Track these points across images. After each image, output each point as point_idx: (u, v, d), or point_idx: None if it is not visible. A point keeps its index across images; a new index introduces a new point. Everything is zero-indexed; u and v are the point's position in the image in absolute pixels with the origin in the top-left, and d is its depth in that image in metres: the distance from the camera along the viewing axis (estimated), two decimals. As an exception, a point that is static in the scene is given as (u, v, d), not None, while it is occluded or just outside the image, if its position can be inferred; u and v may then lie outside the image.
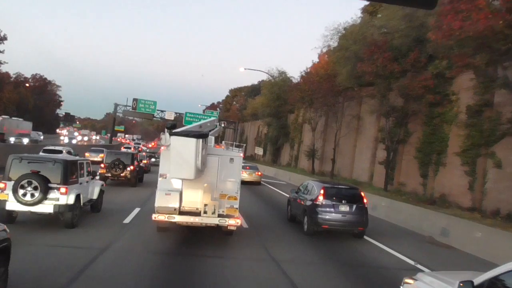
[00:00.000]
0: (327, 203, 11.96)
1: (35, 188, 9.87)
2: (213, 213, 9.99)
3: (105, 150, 28.89)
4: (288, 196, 15.85)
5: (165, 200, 9.88)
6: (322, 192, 12.16)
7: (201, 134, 9.11)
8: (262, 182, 28.94)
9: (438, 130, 21.46)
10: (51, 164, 10.42)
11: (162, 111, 58.44)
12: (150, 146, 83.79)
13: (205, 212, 10.01)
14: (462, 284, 4.32)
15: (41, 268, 7.42)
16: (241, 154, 11.45)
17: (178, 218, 9.92)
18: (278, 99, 48.47)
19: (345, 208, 11.94)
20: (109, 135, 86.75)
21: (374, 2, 5.70)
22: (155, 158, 34.58)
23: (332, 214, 11.88)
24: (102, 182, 13.97)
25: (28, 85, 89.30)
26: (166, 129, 9.24)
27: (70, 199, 10.31)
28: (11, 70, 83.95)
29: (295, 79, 47.63)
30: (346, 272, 8.99)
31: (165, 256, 9.13)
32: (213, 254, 9.43)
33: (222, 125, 58.75)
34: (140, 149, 50.49)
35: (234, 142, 34.42)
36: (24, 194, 9.87)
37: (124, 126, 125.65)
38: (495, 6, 13.64)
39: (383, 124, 25.57)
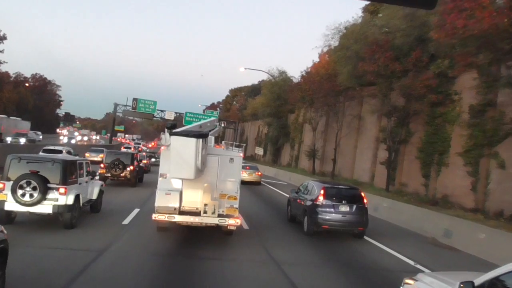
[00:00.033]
0: (327, 203, 11.91)
1: (34, 188, 9.79)
2: (213, 213, 9.99)
3: (105, 150, 28.80)
4: (288, 196, 15.77)
5: (165, 199, 9.89)
6: (322, 192, 12.10)
7: (201, 134, 9.10)
8: (262, 182, 28.88)
9: (440, 130, 21.30)
10: (50, 164, 10.35)
11: (162, 111, 58.39)
12: (150, 146, 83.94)
13: (205, 212, 10.01)
14: (462, 284, 4.27)
15: (39, 269, 7.35)
16: (241, 154, 11.46)
17: (178, 218, 9.92)
18: (278, 99, 48.37)
19: (345, 208, 11.88)
20: (109, 135, 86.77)
21: (374, 2, 5.61)
22: (155, 158, 34.58)
23: (332, 214, 11.83)
24: (102, 182, 13.92)
25: (28, 84, 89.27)
26: (166, 129, 9.24)
27: (69, 200, 10.24)
28: (11, 70, 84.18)
29: (296, 79, 47.58)
30: (346, 272, 8.95)
31: (164, 257, 9.06)
32: (213, 255, 9.38)
33: (222, 125, 58.71)
34: (140, 149, 50.52)
35: (234, 142, 34.33)
36: (23, 195, 9.79)
37: (124, 126, 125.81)
38: (499, 4, 13.56)
39: (385, 124, 25.45)
